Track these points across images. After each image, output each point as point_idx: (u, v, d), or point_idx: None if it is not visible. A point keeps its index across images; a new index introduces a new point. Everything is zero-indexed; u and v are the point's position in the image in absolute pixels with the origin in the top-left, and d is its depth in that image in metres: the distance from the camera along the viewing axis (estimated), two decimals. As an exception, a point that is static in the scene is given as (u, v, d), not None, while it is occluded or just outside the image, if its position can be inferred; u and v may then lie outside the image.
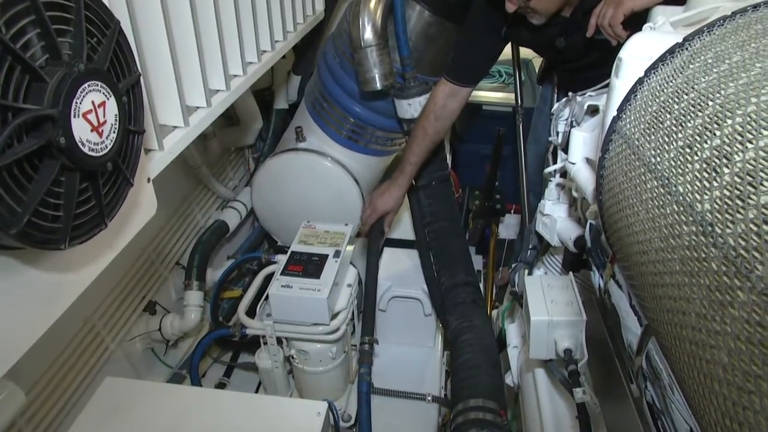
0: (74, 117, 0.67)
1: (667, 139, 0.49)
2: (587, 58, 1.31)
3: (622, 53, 0.76)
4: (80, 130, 0.68)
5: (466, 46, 1.71)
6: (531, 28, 1.51)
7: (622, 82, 0.73)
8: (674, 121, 0.49)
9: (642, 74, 0.63)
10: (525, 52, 2.46)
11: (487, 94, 3.09)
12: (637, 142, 0.56)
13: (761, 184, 0.35)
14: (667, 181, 0.47)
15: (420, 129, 1.84)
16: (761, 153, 0.36)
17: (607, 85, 0.93)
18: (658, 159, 0.50)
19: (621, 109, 0.64)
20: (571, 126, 1.19)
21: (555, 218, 1.31)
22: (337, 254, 1.64)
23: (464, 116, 2.96)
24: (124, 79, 0.80)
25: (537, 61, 2.62)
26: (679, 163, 0.46)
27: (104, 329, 1.66)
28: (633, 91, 0.62)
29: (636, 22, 1.12)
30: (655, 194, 0.49)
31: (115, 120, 0.75)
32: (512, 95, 2.53)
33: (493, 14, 1.58)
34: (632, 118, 0.60)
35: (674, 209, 0.45)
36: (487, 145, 2.67)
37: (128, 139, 0.81)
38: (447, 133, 2.11)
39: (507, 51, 1.94)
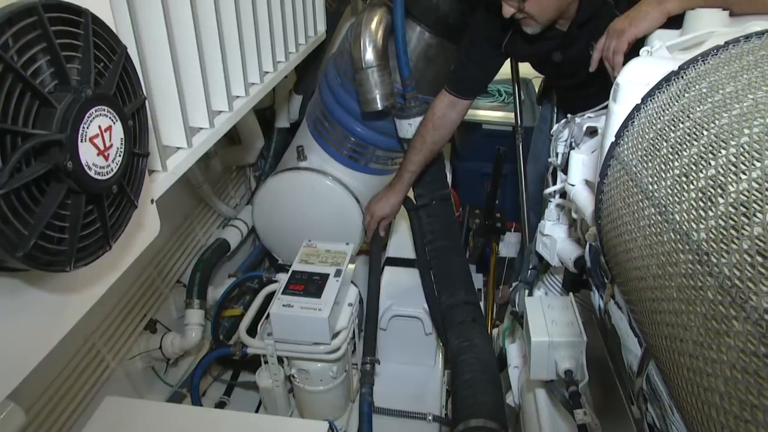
0: (81, 141, 0.68)
1: (663, 167, 0.50)
2: (585, 73, 1.32)
3: (620, 78, 0.77)
4: (87, 154, 0.69)
5: (466, 59, 1.74)
6: (529, 41, 1.54)
7: (619, 107, 0.75)
8: (670, 149, 0.51)
9: (639, 101, 0.64)
10: (525, 72, 2.48)
11: (487, 113, 3.11)
12: (634, 169, 0.57)
13: (755, 215, 0.36)
14: (664, 209, 0.48)
15: (419, 138, 1.86)
16: (754, 184, 0.37)
17: (605, 107, 0.94)
18: (655, 186, 0.51)
19: (619, 135, 0.65)
20: (571, 147, 1.20)
21: (555, 239, 1.31)
22: (338, 273, 1.65)
23: (464, 134, 2.99)
24: (130, 102, 0.81)
25: (537, 81, 2.64)
26: (675, 191, 0.47)
27: (105, 348, 1.66)
28: (630, 117, 0.63)
29: (632, 46, 1.14)
30: (652, 221, 0.50)
31: (121, 143, 0.76)
32: (512, 114, 2.55)
33: (493, 27, 1.60)
34: (630, 144, 0.61)
35: (671, 237, 0.45)
36: (488, 164, 2.69)
37: (133, 161, 0.82)
38: (445, 147, 2.13)
39: (507, 70, 1.96)
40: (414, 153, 1.88)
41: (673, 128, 0.52)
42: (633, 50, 1.10)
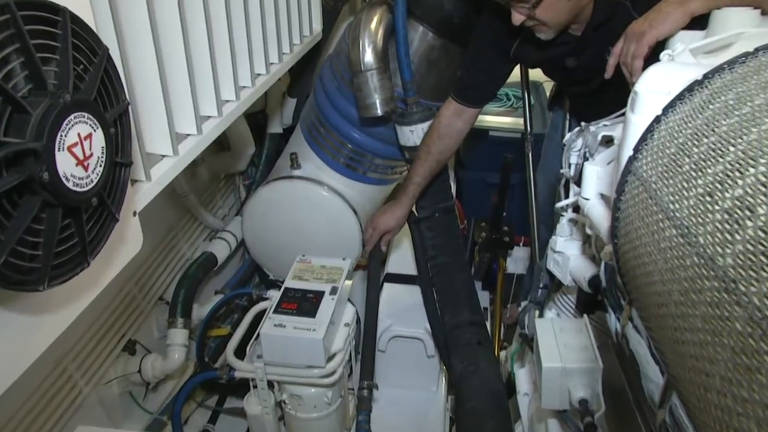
0: (59, 151, 0.68)
1: (686, 185, 0.50)
2: (600, 80, 1.32)
3: (638, 86, 0.77)
4: (65, 164, 0.69)
5: (472, 66, 1.75)
6: (540, 46, 1.54)
7: (638, 117, 0.74)
8: (693, 166, 0.50)
9: (659, 112, 0.64)
10: (535, 75, 2.49)
11: (494, 119, 3.12)
12: (654, 186, 0.57)
13: (787, 241, 0.36)
14: (686, 231, 0.48)
15: (424, 148, 1.87)
16: (787, 207, 0.37)
17: (623, 114, 0.94)
18: (677, 206, 0.51)
19: (637, 148, 0.65)
20: (584, 158, 1.20)
21: (567, 256, 1.31)
22: (333, 291, 1.64)
23: (470, 142, 2.99)
24: (112, 108, 0.81)
25: (548, 86, 2.65)
26: (698, 211, 0.47)
27: (77, 372, 1.63)
28: (650, 130, 0.63)
29: (652, 51, 1.14)
30: (674, 243, 0.50)
31: (102, 152, 0.76)
32: (521, 120, 2.55)
33: (501, 32, 1.61)
34: (649, 159, 0.61)
35: (694, 261, 0.45)
36: (494, 173, 2.69)
37: (115, 171, 0.82)
38: (451, 157, 2.12)
39: (516, 73, 1.96)
40: (419, 164, 1.89)
41: (696, 143, 0.52)
42: (653, 55, 1.10)
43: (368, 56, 1.79)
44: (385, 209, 2.04)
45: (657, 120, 0.63)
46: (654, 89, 0.74)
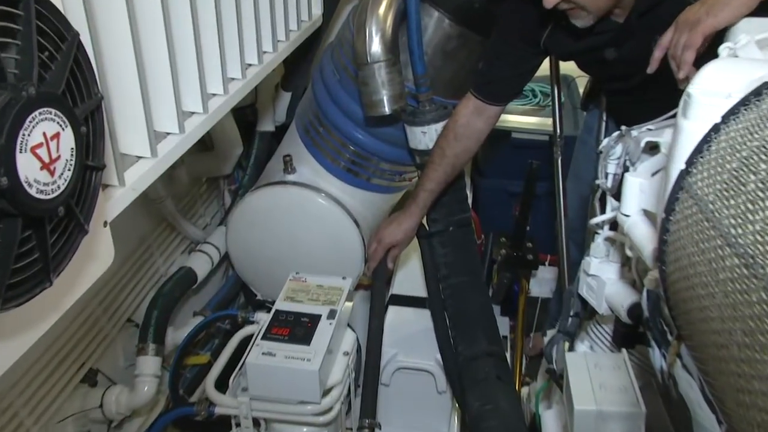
0: (20, 152, 0.68)
1: (750, 207, 0.49)
2: (644, 76, 1.31)
3: (692, 88, 0.76)
4: (27, 168, 0.69)
5: (495, 57, 1.75)
6: (576, 35, 1.53)
7: (691, 124, 0.73)
8: (760, 185, 0.50)
9: (718, 119, 0.63)
10: (567, 68, 2.49)
11: (518, 119, 3.12)
12: (711, 206, 0.56)
13: None
14: (751, 261, 0.47)
15: (437, 150, 1.86)
16: None
17: (671, 117, 0.93)
18: (740, 231, 0.50)
19: (691, 161, 0.64)
20: (625, 168, 1.20)
21: (603, 280, 1.30)
22: (332, 315, 1.64)
23: (489, 145, 2.97)
24: (83, 103, 0.80)
25: (582, 81, 2.64)
26: (766, 239, 0.46)
27: (24, 409, 1.59)
28: (706, 140, 0.62)
29: (709, 43, 1.12)
30: (735, 275, 0.49)
31: (71, 154, 0.76)
32: (549, 120, 2.55)
33: (530, 18, 1.60)
34: (705, 174, 0.60)
35: (762, 297, 0.44)
36: (517, 182, 2.69)
37: (85, 176, 0.82)
38: (468, 162, 2.12)
39: (545, 66, 1.96)
40: (432, 168, 1.88)
41: (763, 158, 0.51)
42: (711, 49, 1.08)
43: (375, 46, 1.79)
44: (392, 219, 2.03)
45: (716, 129, 0.62)
46: (711, 91, 0.73)
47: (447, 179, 1.92)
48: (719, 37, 1.09)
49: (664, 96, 1.01)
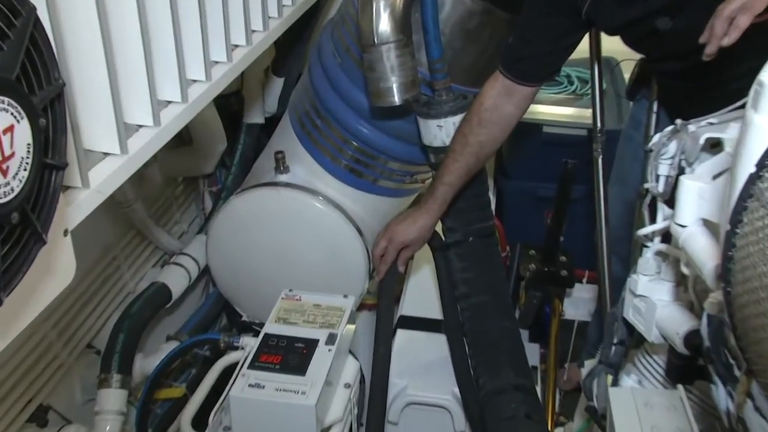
0: (-33, 149, 0.68)
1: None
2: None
3: (764, 75, 0.76)
4: (-26, 167, 0.69)
5: (527, 30, 1.75)
6: (622, 2, 1.53)
7: (763, 118, 0.73)
8: None
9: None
10: (610, 49, 2.47)
11: (550, 109, 3.12)
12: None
13: None
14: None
15: (459, 138, 1.86)
16: None
17: (740, 107, 0.92)
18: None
19: (762, 164, 0.63)
20: (680, 170, 1.19)
21: (653, 302, 1.30)
22: (331, 339, 1.63)
23: (516, 140, 2.99)
24: (41, 90, 0.80)
25: (628, 66, 2.61)
26: None
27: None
28: (784, 138, 0.62)
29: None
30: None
31: (28, 151, 0.75)
32: (587, 112, 2.55)
33: None
34: (782, 178, 0.60)
35: None
36: (549, 184, 2.70)
37: (43, 177, 0.82)
38: (493, 154, 2.10)
39: (583, 47, 1.95)
40: (452, 159, 1.87)
41: None
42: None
43: (384, 24, 1.79)
44: (405, 216, 2.00)
45: (795, 124, 0.61)
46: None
47: (469, 172, 1.90)
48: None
49: (729, 82, 1.00)
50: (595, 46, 2.28)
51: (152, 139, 1.24)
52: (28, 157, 0.76)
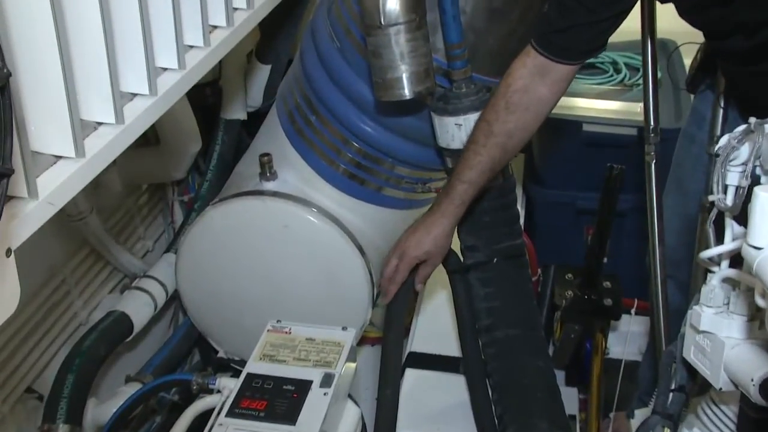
0: None
1: None
2: None
3: None
4: None
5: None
6: None
7: None
8: None
9: None
10: (666, 30, 2.45)
11: (592, 103, 3.13)
12: None
13: None
14: None
15: (482, 126, 1.84)
16: None
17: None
18: None
19: None
20: (754, 179, 1.19)
21: (721, 340, 1.29)
22: (327, 381, 1.64)
23: (549, 140, 3.00)
24: (-17, 82, 0.81)
25: (689, 51, 2.60)
26: None
27: None
28: None
29: None
30: None
31: (-34, 155, 0.76)
32: (638, 106, 2.55)
33: None
34: None
35: None
36: (590, 194, 2.70)
37: (-16, 186, 0.82)
38: (522, 146, 2.09)
39: (629, 26, 1.92)
40: (473, 151, 1.85)
41: None
42: None
43: (392, 2, 1.79)
44: (417, 225, 1.97)
45: None
46: None
47: (494, 168, 1.89)
48: None
49: None
50: (649, 23, 2.26)
51: (114, 139, 1.24)
52: (-34, 163, 0.76)
